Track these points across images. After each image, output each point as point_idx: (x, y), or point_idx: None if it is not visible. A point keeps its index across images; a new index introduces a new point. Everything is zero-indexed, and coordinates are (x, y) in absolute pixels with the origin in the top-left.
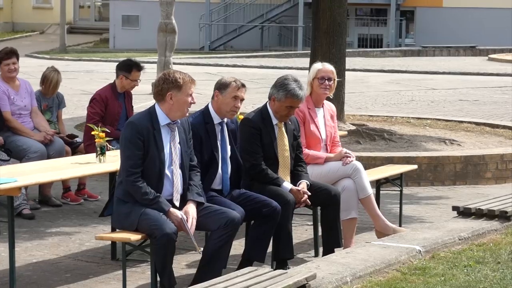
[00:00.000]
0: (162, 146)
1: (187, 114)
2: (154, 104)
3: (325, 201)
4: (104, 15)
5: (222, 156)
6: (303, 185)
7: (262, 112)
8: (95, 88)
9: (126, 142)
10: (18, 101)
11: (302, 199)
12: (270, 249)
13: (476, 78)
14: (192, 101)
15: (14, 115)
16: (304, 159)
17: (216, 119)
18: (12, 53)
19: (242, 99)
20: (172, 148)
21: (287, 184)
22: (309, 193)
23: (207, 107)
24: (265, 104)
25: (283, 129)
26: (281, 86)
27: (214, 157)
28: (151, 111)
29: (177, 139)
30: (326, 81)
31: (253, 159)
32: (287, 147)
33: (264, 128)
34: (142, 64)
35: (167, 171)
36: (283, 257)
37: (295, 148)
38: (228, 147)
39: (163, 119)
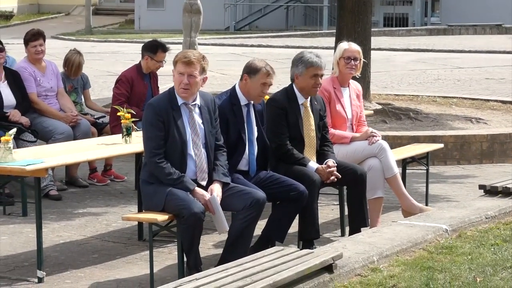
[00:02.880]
0: (183, 125)
1: (184, 94)
2: None
3: (351, 181)
4: None
5: (249, 137)
6: (329, 163)
7: (288, 91)
8: (121, 69)
9: (147, 124)
10: (44, 82)
11: (331, 174)
12: (295, 229)
13: (503, 56)
14: (184, 80)
15: (40, 97)
16: (330, 139)
17: (243, 100)
18: (39, 35)
19: (270, 85)
20: (191, 128)
21: (313, 164)
22: (335, 169)
23: (234, 88)
24: (291, 84)
25: (309, 108)
26: (298, 61)
27: (241, 138)
28: (170, 92)
29: (198, 119)
30: (352, 61)
31: (278, 140)
32: (313, 127)
33: (289, 108)
34: (167, 45)
35: (190, 151)
36: (309, 237)
37: (321, 128)
38: (255, 129)
39: (179, 98)
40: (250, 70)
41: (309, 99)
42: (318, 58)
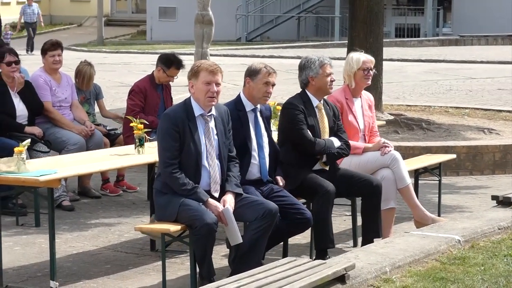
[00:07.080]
0: (198, 136)
1: (212, 103)
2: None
3: (366, 192)
4: (141, 7)
5: (258, 142)
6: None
7: (302, 96)
8: (133, 80)
9: (163, 133)
10: (59, 93)
11: None
12: (307, 240)
13: None
14: (212, 89)
15: (54, 107)
16: None
17: (248, 106)
18: (57, 45)
19: (273, 85)
20: (206, 139)
21: (335, 141)
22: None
23: (238, 95)
24: (303, 90)
25: (323, 111)
26: (309, 63)
27: (247, 146)
28: (186, 102)
29: (213, 130)
30: (370, 71)
31: (308, 136)
32: (327, 129)
33: (306, 110)
34: (183, 63)
35: (204, 162)
36: (324, 247)
37: (336, 130)
38: (264, 134)
39: (197, 109)
40: (251, 73)
41: (322, 101)
42: (324, 56)
